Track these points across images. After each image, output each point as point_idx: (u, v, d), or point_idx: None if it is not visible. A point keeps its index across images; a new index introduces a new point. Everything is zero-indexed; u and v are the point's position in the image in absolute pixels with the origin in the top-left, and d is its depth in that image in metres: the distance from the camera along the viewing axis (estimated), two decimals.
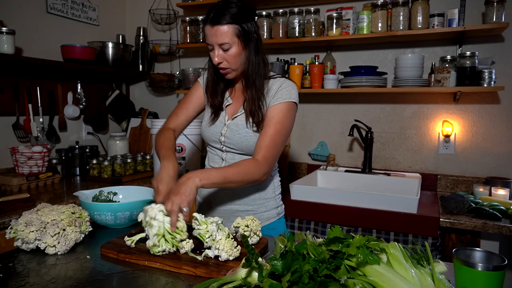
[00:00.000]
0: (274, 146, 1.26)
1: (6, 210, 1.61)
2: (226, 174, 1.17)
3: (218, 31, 1.21)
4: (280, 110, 1.29)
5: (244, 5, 1.25)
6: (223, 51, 1.25)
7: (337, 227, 0.80)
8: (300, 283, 0.70)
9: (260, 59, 1.30)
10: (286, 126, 1.29)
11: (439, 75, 2.06)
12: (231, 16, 1.21)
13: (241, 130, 1.33)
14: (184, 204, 1.05)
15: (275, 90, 1.31)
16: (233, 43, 1.23)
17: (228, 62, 1.26)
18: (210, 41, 1.25)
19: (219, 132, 1.37)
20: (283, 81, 1.34)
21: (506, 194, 1.89)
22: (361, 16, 2.20)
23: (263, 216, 1.40)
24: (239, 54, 1.25)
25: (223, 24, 1.21)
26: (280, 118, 1.28)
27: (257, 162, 1.23)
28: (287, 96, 1.29)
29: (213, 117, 1.39)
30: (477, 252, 0.82)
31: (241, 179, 1.20)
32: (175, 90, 2.92)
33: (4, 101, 2.17)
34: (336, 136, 2.53)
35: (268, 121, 1.28)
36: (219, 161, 1.40)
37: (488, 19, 1.96)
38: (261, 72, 1.30)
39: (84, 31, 2.67)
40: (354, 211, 1.81)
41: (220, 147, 1.38)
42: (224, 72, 1.30)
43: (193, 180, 1.10)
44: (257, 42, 1.29)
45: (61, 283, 0.89)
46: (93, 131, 2.75)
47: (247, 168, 1.20)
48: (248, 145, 1.32)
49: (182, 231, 1.05)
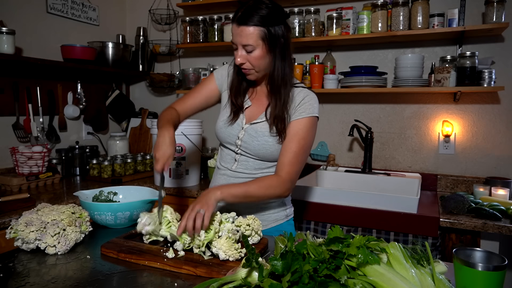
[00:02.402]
0: (297, 162, 1.26)
1: (6, 210, 1.61)
2: (247, 188, 1.19)
3: (244, 32, 1.18)
4: (304, 125, 1.27)
5: (274, 7, 1.20)
6: (246, 52, 1.21)
7: (337, 227, 0.80)
8: (300, 283, 0.70)
9: (286, 65, 1.26)
10: (309, 142, 1.29)
11: (439, 75, 2.06)
12: (259, 18, 1.17)
13: (260, 137, 1.30)
14: (203, 210, 1.06)
15: (298, 102, 1.28)
16: (257, 46, 1.19)
17: (251, 64, 1.23)
18: (234, 40, 1.22)
19: (235, 135, 1.34)
20: (307, 93, 1.31)
21: (506, 194, 1.89)
22: (361, 16, 2.20)
23: (271, 217, 1.38)
24: (262, 57, 1.22)
25: (249, 25, 1.17)
26: (304, 134, 1.27)
27: (280, 179, 1.23)
28: (311, 111, 1.27)
29: (232, 118, 1.34)
30: (477, 252, 0.82)
31: (263, 194, 1.21)
32: (175, 90, 2.92)
33: (4, 101, 2.17)
34: (336, 136, 2.53)
35: (292, 136, 1.27)
36: (231, 161, 1.38)
37: (488, 19, 1.96)
38: (287, 79, 1.26)
39: (84, 31, 2.67)
40: (354, 211, 1.81)
41: (235, 149, 1.36)
42: (246, 72, 1.27)
43: (214, 193, 1.12)
44: (285, 47, 1.24)
45: (61, 283, 0.89)
46: (93, 131, 2.75)
47: (270, 183, 1.22)
48: (266, 152, 1.30)
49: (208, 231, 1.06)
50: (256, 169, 1.34)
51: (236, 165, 1.36)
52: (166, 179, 2.17)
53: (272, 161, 1.34)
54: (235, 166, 1.36)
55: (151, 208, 1.37)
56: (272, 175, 1.26)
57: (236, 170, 1.36)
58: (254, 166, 1.34)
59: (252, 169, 1.34)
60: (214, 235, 1.03)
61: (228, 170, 1.38)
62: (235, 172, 1.36)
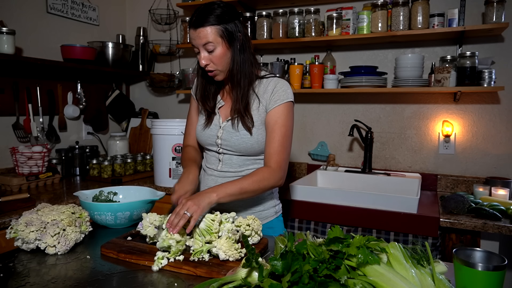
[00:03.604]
0: (283, 150, 1.29)
1: (6, 210, 1.61)
2: (241, 185, 1.22)
3: (202, 33, 1.22)
4: (281, 113, 1.30)
5: (226, 6, 1.25)
6: (208, 53, 1.25)
7: (337, 227, 0.80)
8: (300, 283, 0.70)
9: (245, 58, 1.29)
10: (290, 127, 1.32)
11: (439, 75, 2.06)
12: (214, 17, 1.21)
13: (237, 132, 1.33)
14: (191, 211, 1.07)
15: (271, 91, 1.31)
16: (217, 43, 1.23)
17: (215, 64, 1.26)
18: (195, 43, 1.26)
19: (214, 135, 1.37)
20: (277, 81, 1.33)
21: (506, 194, 1.89)
22: (361, 16, 2.20)
23: (261, 215, 1.40)
24: (224, 54, 1.25)
25: (206, 26, 1.21)
26: (283, 121, 1.29)
27: (271, 169, 1.27)
28: (285, 97, 1.30)
29: (207, 121, 1.39)
30: (477, 252, 0.82)
31: (257, 188, 1.24)
32: (175, 90, 2.92)
33: (4, 101, 2.17)
34: (336, 136, 2.53)
35: (272, 126, 1.30)
36: (215, 162, 1.40)
37: (488, 19, 1.96)
38: (247, 71, 1.29)
39: (84, 31, 2.67)
40: (354, 211, 1.81)
41: (216, 149, 1.38)
42: (212, 74, 1.30)
43: (209, 196, 1.15)
44: (243, 41, 1.28)
45: (61, 283, 0.89)
46: (93, 131, 2.75)
47: (262, 176, 1.25)
48: (246, 146, 1.32)
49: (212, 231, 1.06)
50: (241, 165, 1.36)
51: (221, 165, 1.39)
52: (167, 179, 2.17)
53: (255, 155, 1.36)
54: (220, 166, 1.39)
55: (151, 208, 1.37)
56: (262, 168, 1.29)
57: (221, 170, 1.38)
58: (238, 163, 1.36)
59: (237, 166, 1.37)
60: (206, 245, 1.03)
61: (214, 170, 1.40)
62: (221, 172, 1.38)
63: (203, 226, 1.06)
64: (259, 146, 1.33)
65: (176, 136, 2.12)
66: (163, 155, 2.16)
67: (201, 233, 1.05)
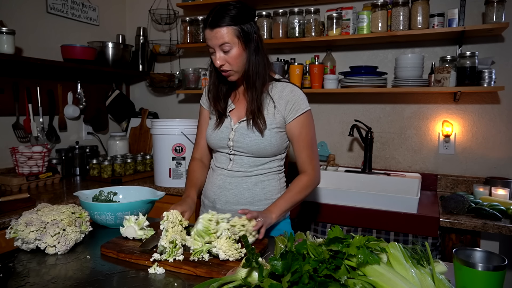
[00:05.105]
0: (314, 155, 1.38)
1: (6, 210, 1.61)
2: (292, 199, 1.31)
3: (218, 33, 1.22)
4: (303, 123, 1.34)
5: (242, 7, 1.26)
6: (224, 53, 1.25)
7: (337, 227, 0.80)
8: (300, 283, 0.70)
9: (260, 59, 1.30)
10: (314, 134, 1.39)
11: (439, 75, 2.06)
12: (230, 18, 1.22)
13: (251, 133, 1.32)
14: (259, 224, 1.15)
15: (287, 99, 1.32)
16: (233, 44, 1.23)
17: (230, 64, 1.27)
18: (211, 43, 1.26)
19: (226, 138, 1.36)
20: (292, 88, 1.35)
21: (506, 194, 1.89)
22: (361, 16, 2.20)
23: None
24: (240, 55, 1.26)
25: (222, 26, 1.21)
26: (307, 130, 1.35)
27: (311, 176, 1.36)
28: (304, 106, 1.34)
29: (218, 123, 1.39)
30: (477, 252, 0.82)
31: (304, 195, 1.35)
32: (175, 90, 2.92)
33: (4, 101, 2.17)
34: (336, 136, 2.53)
35: (297, 136, 1.35)
36: (226, 162, 1.40)
37: (488, 19, 1.96)
38: (262, 73, 1.30)
39: (84, 31, 2.66)
40: (354, 211, 1.81)
41: (228, 151, 1.38)
42: (226, 74, 1.30)
43: (270, 217, 1.23)
44: (258, 43, 1.29)
45: (61, 283, 0.89)
46: (93, 131, 2.75)
47: (305, 183, 1.35)
48: (259, 148, 1.32)
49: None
50: (252, 166, 1.36)
51: (231, 164, 1.38)
52: (167, 179, 2.18)
53: (267, 156, 1.36)
54: (231, 165, 1.38)
55: (151, 208, 1.37)
56: (301, 176, 1.37)
57: (231, 169, 1.38)
58: (249, 163, 1.36)
59: (248, 166, 1.36)
60: (206, 247, 1.03)
61: (224, 170, 1.40)
62: (231, 171, 1.38)
63: (200, 227, 1.06)
64: (271, 148, 1.33)
65: (176, 136, 2.12)
66: (163, 155, 2.16)
67: (199, 234, 1.06)
